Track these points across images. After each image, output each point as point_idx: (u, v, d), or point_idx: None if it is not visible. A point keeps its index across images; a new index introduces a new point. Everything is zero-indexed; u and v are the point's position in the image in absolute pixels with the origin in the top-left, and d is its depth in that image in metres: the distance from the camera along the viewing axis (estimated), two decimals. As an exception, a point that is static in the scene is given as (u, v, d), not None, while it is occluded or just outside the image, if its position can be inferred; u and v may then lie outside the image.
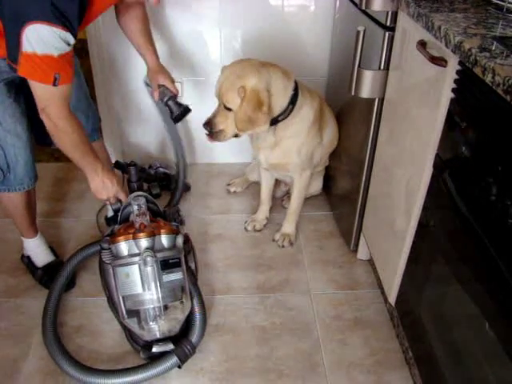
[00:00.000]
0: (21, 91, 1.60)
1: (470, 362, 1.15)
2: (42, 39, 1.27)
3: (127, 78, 2.42)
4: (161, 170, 2.50)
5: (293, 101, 1.80)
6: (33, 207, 1.85)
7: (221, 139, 1.81)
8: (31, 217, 1.85)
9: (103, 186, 1.63)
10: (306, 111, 1.86)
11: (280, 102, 1.77)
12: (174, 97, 1.88)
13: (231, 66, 1.77)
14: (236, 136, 1.82)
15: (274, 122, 1.80)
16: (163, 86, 1.88)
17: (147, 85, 2.00)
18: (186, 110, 1.88)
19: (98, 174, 1.61)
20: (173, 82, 1.90)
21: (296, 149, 1.91)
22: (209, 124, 1.78)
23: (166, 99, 1.87)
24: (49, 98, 1.39)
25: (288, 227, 2.16)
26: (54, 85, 1.35)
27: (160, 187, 2.13)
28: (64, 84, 1.38)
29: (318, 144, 1.99)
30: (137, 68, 2.40)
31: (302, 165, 1.97)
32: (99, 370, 1.52)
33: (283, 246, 2.12)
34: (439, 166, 1.26)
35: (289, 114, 1.81)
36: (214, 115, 1.78)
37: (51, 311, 1.66)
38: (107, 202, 1.69)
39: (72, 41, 1.34)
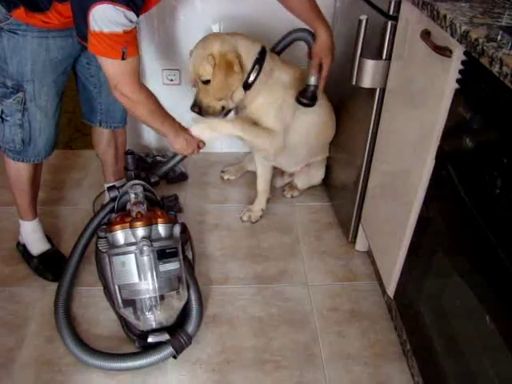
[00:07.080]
0: (66, 72, 1.67)
1: (469, 354, 1.15)
2: (108, 18, 1.32)
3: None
4: (158, 158, 2.49)
5: (259, 62, 1.79)
6: (36, 185, 1.86)
7: (211, 114, 1.82)
8: (33, 195, 1.85)
9: (187, 143, 1.72)
10: (278, 74, 1.86)
11: (247, 61, 1.78)
12: (316, 86, 1.79)
13: (197, 43, 1.81)
14: (223, 109, 1.83)
15: (247, 85, 1.81)
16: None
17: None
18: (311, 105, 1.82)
19: (180, 134, 1.70)
20: (329, 64, 1.76)
21: (269, 104, 1.86)
22: (195, 104, 1.82)
23: (309, 83, 1.79)
24: (120, 73, 1.45)
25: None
26: (123, 58, 1.41)
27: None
28: (131, 56, 1.43)
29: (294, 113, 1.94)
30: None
31: (275, 121, 1.89)
32: (94, 349, 1.53)
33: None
34: (442, 157, 1.24)
35: (257, 76, 1.79)
36: (197, 95, 1.82)
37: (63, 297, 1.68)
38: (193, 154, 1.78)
39: (135, 19, 1.39)
